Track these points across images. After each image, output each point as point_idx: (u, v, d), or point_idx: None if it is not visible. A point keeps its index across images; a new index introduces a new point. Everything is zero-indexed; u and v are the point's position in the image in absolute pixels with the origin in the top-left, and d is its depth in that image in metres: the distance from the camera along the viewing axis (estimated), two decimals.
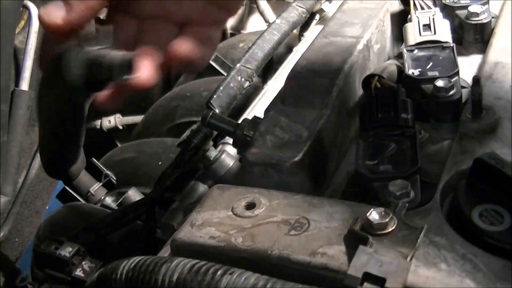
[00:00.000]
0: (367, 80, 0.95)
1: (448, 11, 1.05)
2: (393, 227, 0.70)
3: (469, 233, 0.70)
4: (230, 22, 1.87)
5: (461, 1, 1.05)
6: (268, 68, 1.37)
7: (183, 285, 0.68)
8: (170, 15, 0.86)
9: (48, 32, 0.78)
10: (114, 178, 1.24)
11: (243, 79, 1.10)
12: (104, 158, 1.34)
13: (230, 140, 0.92)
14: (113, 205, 1.19)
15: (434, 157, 0.87)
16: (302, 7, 1.25)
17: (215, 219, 0.76)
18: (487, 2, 1.04)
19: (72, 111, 0.95)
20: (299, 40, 1.39)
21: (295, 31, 1.34)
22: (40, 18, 0.79)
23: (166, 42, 0.85)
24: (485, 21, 1.02)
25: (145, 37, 0.85)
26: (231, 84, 1.08)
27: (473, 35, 1.03)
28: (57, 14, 0.77)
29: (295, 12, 1.25)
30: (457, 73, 0.92)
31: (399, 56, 1.02)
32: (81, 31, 0.78)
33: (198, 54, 0.84)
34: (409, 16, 1.05)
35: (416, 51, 0.97)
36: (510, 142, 0.81)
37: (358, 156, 0.81)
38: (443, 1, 1.06)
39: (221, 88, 1.07)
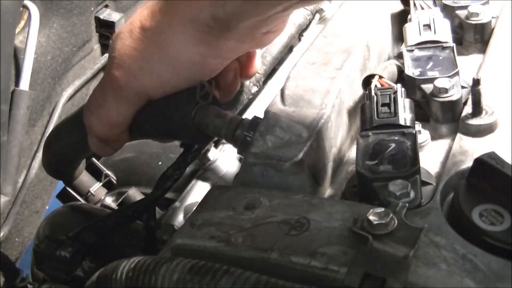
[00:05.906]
0: (367, 80, 0.95)
1: (448, 11, 1.05)
2: (393, 227, 0.70)
3: (469, 233, 0.70)
4: None
5: (461, 1, 1.05)
6: None
7: (183, 285, 0.68)
8: None
9: None
10: (114, 178, 1.24)
11: (251, 84, 1.10)
12: (104, 158, 1.34)
13: None
14: (113, 205, 1.19)
15: (434, 157, 0.87)
16: (307, 9, 1.26)
17: (215, 219, 0.76)
18: (487, 2, 1.04)
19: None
20: (299, 40, 1.39)
21: None
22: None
23: None
24: (485, 21, 1.02)
25: None
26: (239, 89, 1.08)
27: (473, 35, 1.03)
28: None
29: (300, 14, 1.25)
30: (457, 73, 0.92)
31: (399, 56, 1.02)
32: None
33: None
34: (409, 16, 1.05)
35: (416, 51, 0.97)
36: (510, 142, 0.81)
37: (358, 156, 0.81)
38: (443, 1, 1.06)
39: None
